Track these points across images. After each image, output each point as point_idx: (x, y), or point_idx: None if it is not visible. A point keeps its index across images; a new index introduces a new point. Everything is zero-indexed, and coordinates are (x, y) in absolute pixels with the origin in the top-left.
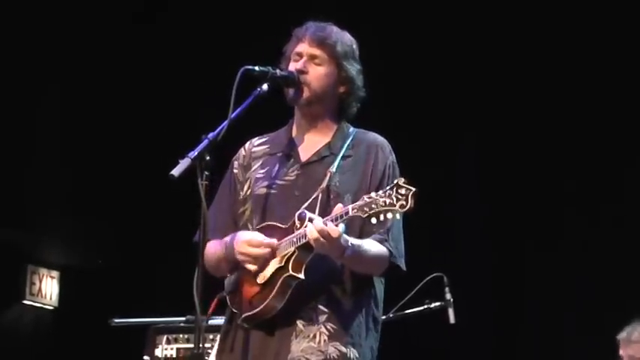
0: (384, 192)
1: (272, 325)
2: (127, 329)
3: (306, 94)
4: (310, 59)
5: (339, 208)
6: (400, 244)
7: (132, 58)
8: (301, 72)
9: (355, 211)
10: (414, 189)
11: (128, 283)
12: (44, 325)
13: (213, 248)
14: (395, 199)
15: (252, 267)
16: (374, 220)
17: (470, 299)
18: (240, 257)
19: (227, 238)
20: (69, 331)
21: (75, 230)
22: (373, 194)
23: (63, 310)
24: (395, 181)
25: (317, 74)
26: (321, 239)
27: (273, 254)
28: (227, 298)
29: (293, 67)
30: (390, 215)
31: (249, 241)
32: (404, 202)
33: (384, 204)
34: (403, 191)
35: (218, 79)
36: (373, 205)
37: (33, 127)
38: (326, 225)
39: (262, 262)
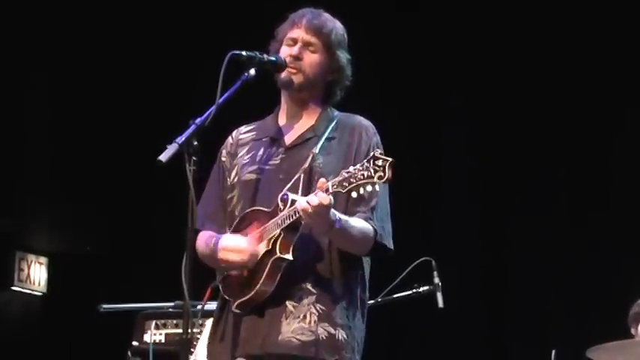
0: (362, 165)
1: (262, 308)
2: (115, 315)
3: (299, 79)
4: (305, 46)
5: (322, 183)
6: (387, 224)
7: (120, 45)
8: (296, 58)
9: (335, 186)
10: (390, 159)
11: (116, 269)
12: (33, 311)
13: (204, 240)
14: (373, 170)
15: (233, 272)
16: (354, 194)
17: (458, 283)
18: (221, 263)
19: (215, 238)
20: (58, 317)
21: (63, 216)
22: (351, 168)
23: (52, 296)
24: (371, 153)
25: (311, 61)
26: (310, 210)
27: (259, 239)
28: (220, 286)
29: (287, 51)
30: (369, 188)
31: (229, 247)
32: (382, 173)
33: (362, 177)
34: (380, 162)
35: (206, 64)
36: (352, 179)
37: (20, 115)
38: (317, 195)
39: (241, 267)
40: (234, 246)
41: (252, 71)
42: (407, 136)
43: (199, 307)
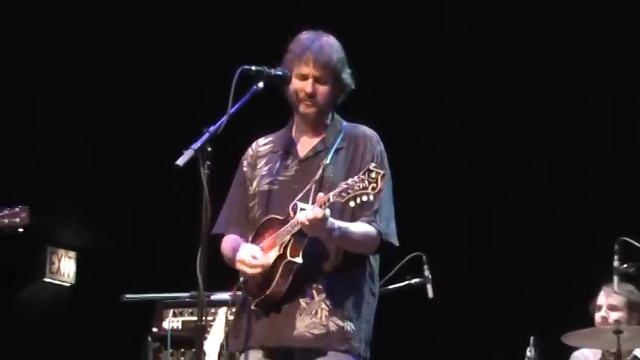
0: (358, 177)
1: (278, 305)
2: (137, 304)
3: (314, 111)
4: (316, 81)
5: (320, 197)
6: (391, 222)
7: (151, 57)
8: (311, 95)
9: (335, 197)
10: (382, 172)
11: (138, 263)
12: (62, 300)
13: (229, 245)
14: (367, 182)
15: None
16: (352, 204)
17: (446, 276)
18: (239, 267)
19: (236, 244)
20: (85, 306)
21: (90, 215)
22: (349, 180)
23: (79, 286)
24: (367, 167)
25: (323, 93)
26: (307, 222)
27: (272, 245)
28: (242, 285)
29: (299, 85)
30: (365, 198)
31: (244, 261)
32: (375, 185)
33: (358, 188)
34: (374, 175)
35: (219, 78)
36: (350, 190)
37: (50, 117)
38: (312, 210)
39: (256, 278)
40: (247, 260)
41: (261, 84)
42: (397, 139)
43: (212, 297)
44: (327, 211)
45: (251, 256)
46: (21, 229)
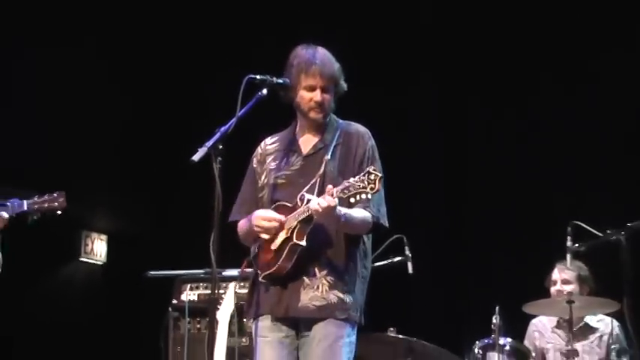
0: (359, 178)
1: (285, 281)
2: (159, 280)
3: (322, 116)
4: (322, 91)
5: (329, 189)
6: (382, 207)
7: (172, 70)
8: (320, 104)
9: (339, 192)
10: (380, 175)
11: (160, 244)
12: (95, 277)
13: (243, 225)
14: (367, 182)
15: (265, 236)
16: (352, 200)
17: (424, 254)
18: (256, 229)
19: (250, 215)
20: (115, 282)
21: (119, 203)
22: (351, 179)
23: (110, 265)
24: (367, 169)
25: (328, 100)
26: (321, 210)
27: (281, 227)
28: (252, 261)
29: (309, 96)
30: (364, 196)
31: (262, 217)
32: (373, 185)
33: (358, 187)
34: (372, 177)
35: (228, 87)
36: (351, 189)
37: (87, 124)
38: (325, 199)
39: (272, 232)
40: (266, 215)
41: (265, 91)
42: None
43: (224, 273)
44: (337, 200)
45: (267, 213)
46: (60, 212)
